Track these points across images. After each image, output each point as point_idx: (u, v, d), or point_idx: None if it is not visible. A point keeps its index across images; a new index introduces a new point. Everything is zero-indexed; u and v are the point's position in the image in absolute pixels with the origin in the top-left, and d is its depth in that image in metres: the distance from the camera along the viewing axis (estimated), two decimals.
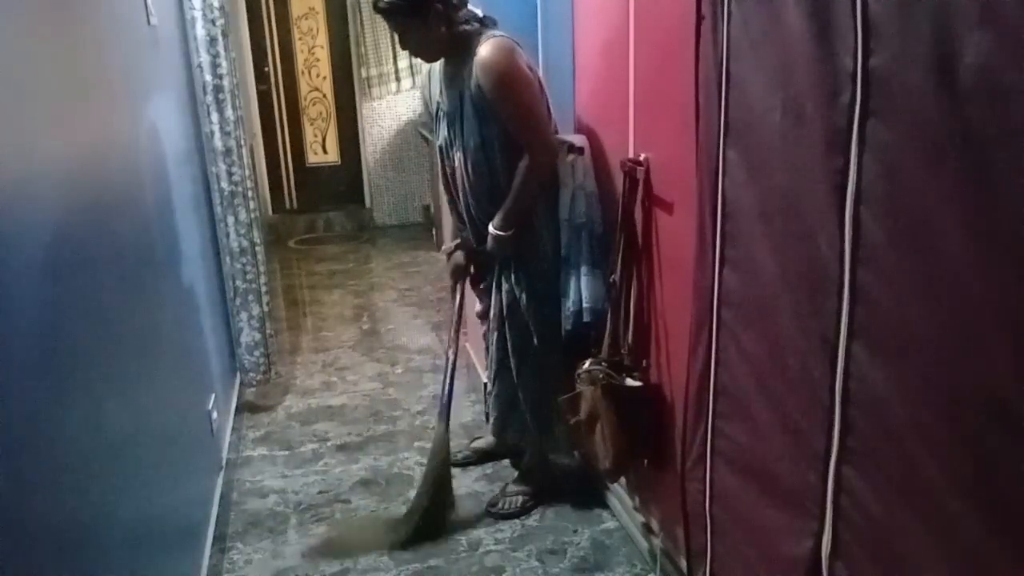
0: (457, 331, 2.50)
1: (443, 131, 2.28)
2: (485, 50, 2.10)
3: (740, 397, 1.45)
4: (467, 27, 2.15)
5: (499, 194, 2.21)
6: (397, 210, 6.11)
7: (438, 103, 2.28)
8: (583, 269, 2.22)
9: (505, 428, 2.49)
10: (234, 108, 3.04)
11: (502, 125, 2.13)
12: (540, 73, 2.63)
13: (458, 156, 2.24)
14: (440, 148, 2.34)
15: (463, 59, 2.14)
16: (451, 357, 2.45)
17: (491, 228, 2.22)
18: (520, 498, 2.47)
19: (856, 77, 1.03)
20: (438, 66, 2.29)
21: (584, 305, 2.22)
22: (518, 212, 2.20)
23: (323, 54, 6.07)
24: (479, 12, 2.22)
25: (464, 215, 2.35)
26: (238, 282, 3.18)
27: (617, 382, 2.03)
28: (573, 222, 2.24)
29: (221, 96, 3.00)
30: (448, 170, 2.33)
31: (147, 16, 2.23)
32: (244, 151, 3.13)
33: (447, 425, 2.42)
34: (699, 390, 1.58)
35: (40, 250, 1.17)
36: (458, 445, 2.86)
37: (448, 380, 2.43)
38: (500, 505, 2.46)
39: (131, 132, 1.91)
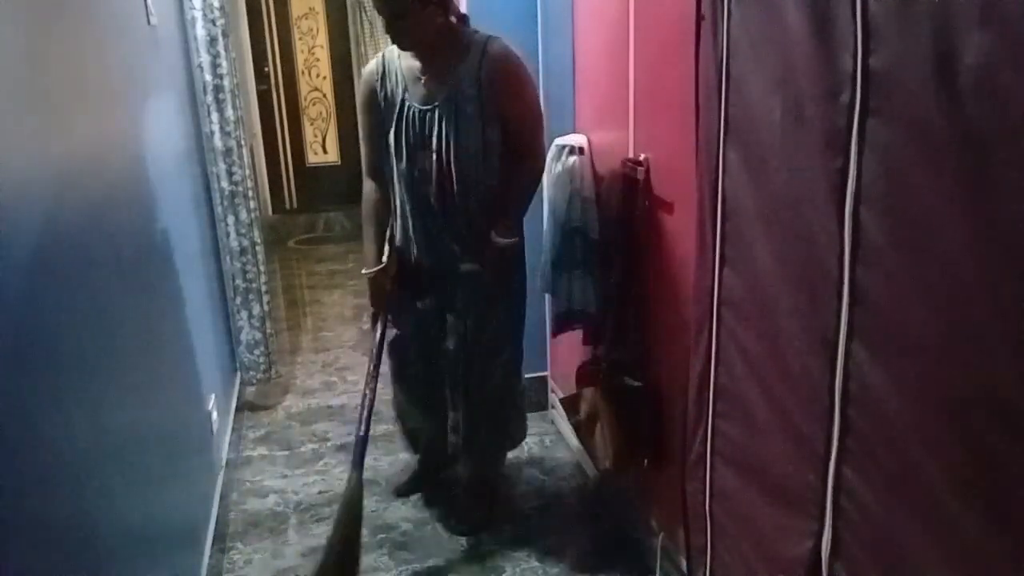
0: (377, 367, 2.25)
1: (411, 128, 2.09)
2: (501, 49, 2.06)
3: (740, 397, 1.45)
4: (463, 25, 2.11)
5: (490, 201, 2.12)
6: None
7: (402, 99, 2.11)
8: (575, 272, 2.23)
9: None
10: (234, 108, 3.05)
11: (502, 128, 2.09)
12: (542, 77, 2.64)
13: (433, 159, 2.09)
14: (397, 147, 2.12)
15: (457, 57, 2.06)
16: (369, 395, 2.21)
17: (495, 238, 2.12)
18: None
19: (856, 77, 1.03)
20: (396, 61, 2.13)
21: (575, 307, 2.24)
22: (520, 218, 2.19)
23: (323, 54, 6.07)
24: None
25: (427, 227, 2.16)
26: (238, 281, 3.18)
27: (617, 382, 2.03)
28: (567, 226, 2.24)
29: (221, 96, 3.00)
30: (410, 173, 2.12)
31: (147, 16, 2.23)
32: (244, 151, 3.13)
33: (361, 475, 2.18)
34: (699, 390, 1.58)
35: (40, 250, 1.17)
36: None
37: (364, 423, 2.19)
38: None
39: (131, 132, 1.91)
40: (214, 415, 2.58)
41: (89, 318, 1.37)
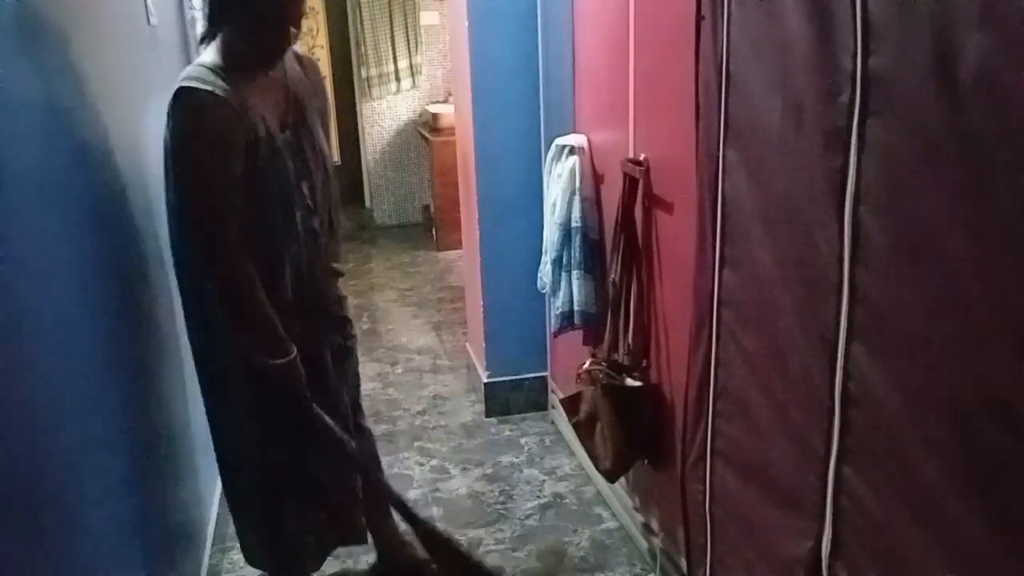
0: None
1: (288, 159, 1.70)
2: (300, 49, 1.81)
3: (740, 397, 1.45)
4: None
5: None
6: (397, 210, 6.11)
7: (266, 128, 1.65)
8: (575, 273, 2.24)
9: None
10: None
11: None
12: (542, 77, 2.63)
13: (306, 186, 1.75)
14: (280, 188, 1.70)
15: (282, 65, 1.74)
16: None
17: (338, 267, 1.97)
18: None
19: (856, 77, 1.03)
20: (225, 84, 1.59)
21: (575, 308, 2.24)
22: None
23: (323, 54, 6.07)
24: None
25: (308, 268, 1.81)
26: None
27: (617, 382, 2.03)
28: (568, 226, 2.25)
29: None
30: (300, 210, 1.74)
31: (147, 16, 2.23)
32: None
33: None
34: (699, 390, 1.58)
35: (40, 250, 1.17)
36: (454, 444, 2.87)
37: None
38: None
39: (131, 132, 1.91)
40: None
41: (89, 318, 1.37)
